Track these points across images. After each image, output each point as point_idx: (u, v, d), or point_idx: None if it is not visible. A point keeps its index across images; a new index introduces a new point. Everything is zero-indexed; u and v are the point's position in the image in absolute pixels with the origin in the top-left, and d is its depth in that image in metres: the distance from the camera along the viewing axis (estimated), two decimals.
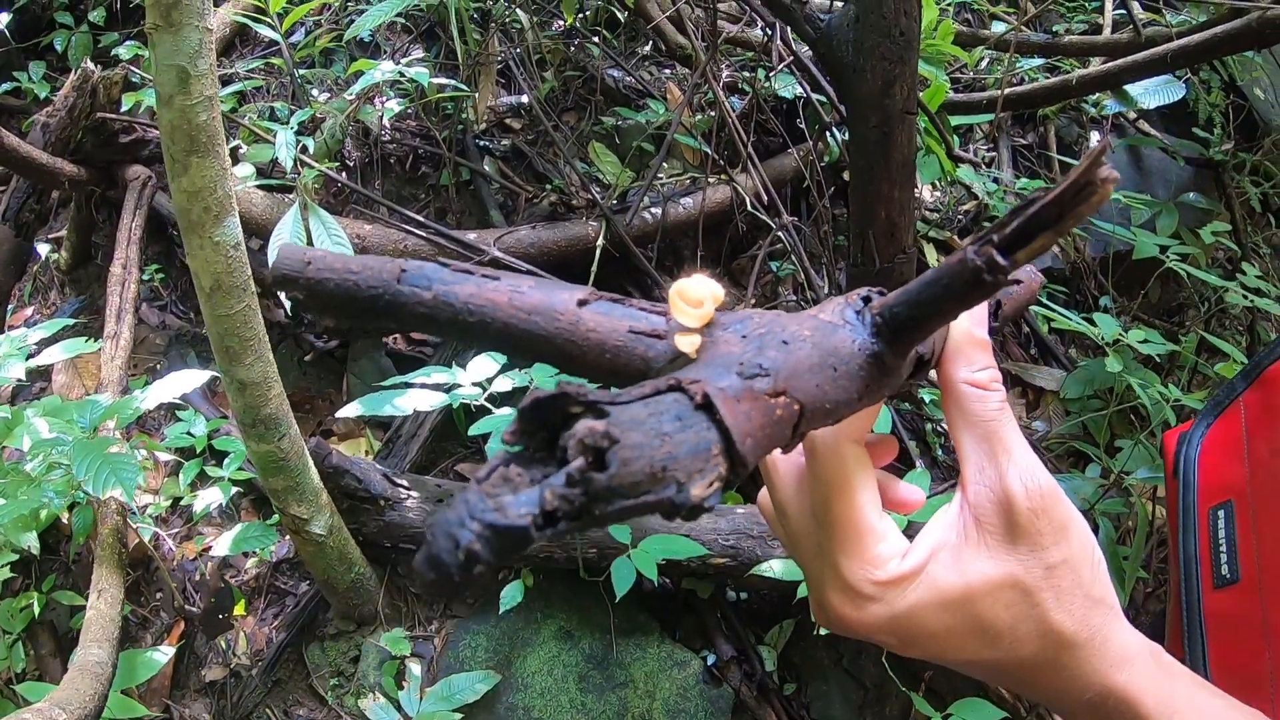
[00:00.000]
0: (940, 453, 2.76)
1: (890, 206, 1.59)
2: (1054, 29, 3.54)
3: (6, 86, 3.40)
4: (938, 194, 3.41)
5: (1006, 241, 0.36)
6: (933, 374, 0.48)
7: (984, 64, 3.53)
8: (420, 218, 2.56)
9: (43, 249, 2.94)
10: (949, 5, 3.59)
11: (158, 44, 1.45)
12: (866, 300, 0.43)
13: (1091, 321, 2.36)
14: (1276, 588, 0.60)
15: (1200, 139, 3.39)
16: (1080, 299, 3.34)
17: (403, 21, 3.23)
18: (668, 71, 3.44)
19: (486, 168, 3.13)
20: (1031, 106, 3.21)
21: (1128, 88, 2.66)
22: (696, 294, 0.42)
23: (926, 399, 2.46)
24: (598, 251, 2.59)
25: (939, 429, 2.78)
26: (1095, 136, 3.65)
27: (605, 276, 2.65)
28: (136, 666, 1.76)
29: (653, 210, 2.75)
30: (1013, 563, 0.44)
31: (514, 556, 0.30)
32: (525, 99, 3.24)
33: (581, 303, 0.42)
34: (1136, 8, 3.05)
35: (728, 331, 0.41)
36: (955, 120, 3.09)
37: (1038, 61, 3.35)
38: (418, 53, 3.41)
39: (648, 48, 3.28)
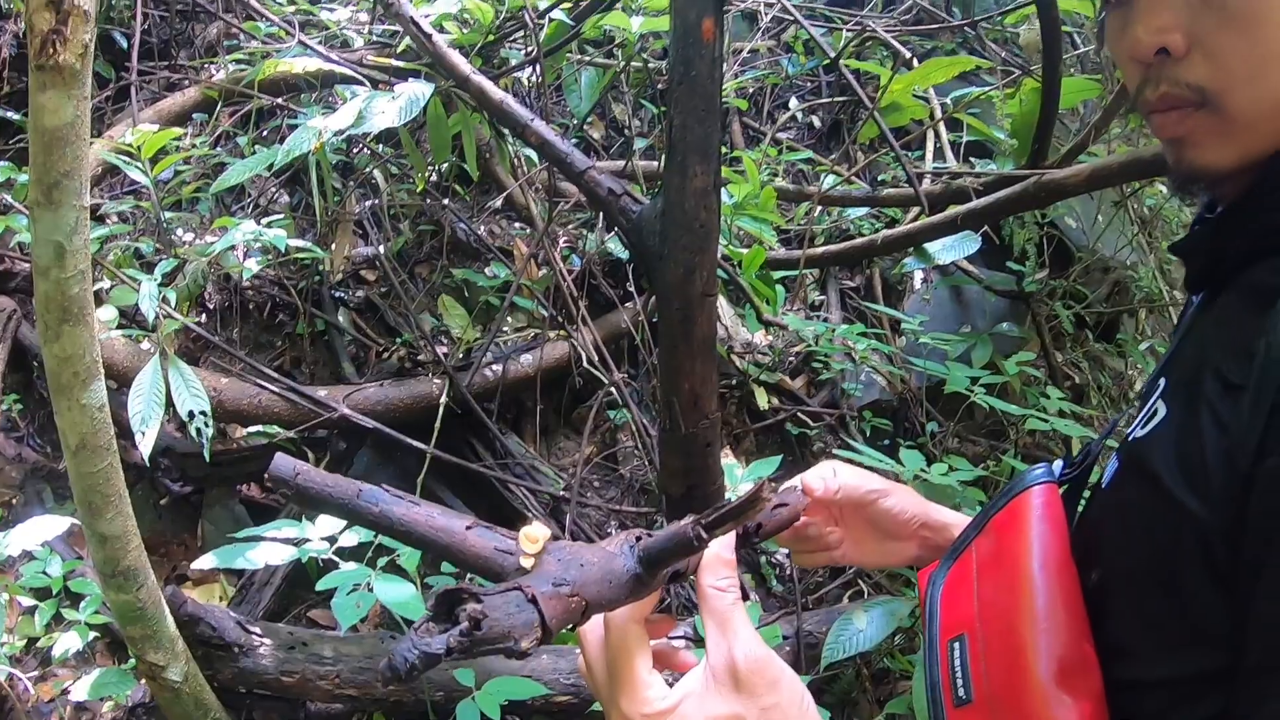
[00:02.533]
0: (775, 584, 3.10)
1: (693, 379, 1.95)
2: (880, 178, 4.10)
3: None
4: (770, 338, 3.86)
5: (709, 524, 0.68)
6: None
7: (818, 211, 4.02)
8: (273, 373, 2.81)
9: None
10: (781, 163, 4.14)
11: (37, 219, 1.66)
12: (638, 539, 0.76)
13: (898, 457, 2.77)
14: (1001, 706, 0.78)
15: (1016, 271, 3.89)
16: (909, 426, 3.77)
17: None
18: (517, 225, 3.83)
19: (341, 319, 3.41)
20: (843, 263, 3.72)
21: (926, 245, 3.16)
22: (535, 535, 0.75)
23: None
24: (440, 410, 2.87)
25: (773, 561, 3.13)
26: (919, 278, 4.18)
27: (449, 431, 2.92)
28: None
29: (494, 367, 3.06)
30: (737, 705, 0.70)
31: (431, 668, 0.60)
32: (382, 249, 3.56)
33: (468, 527, 0.77)
34: (928, 166, 3.64)
35: (550, 556, 0.74)
36: (782, 274, 3.57)
37: (863, 210, 3.89)
38: (283, 197, 3.70)
39: (499, 201, 3.66)
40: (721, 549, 0.76)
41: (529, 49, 2.86)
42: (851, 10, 4.39)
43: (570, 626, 0.72)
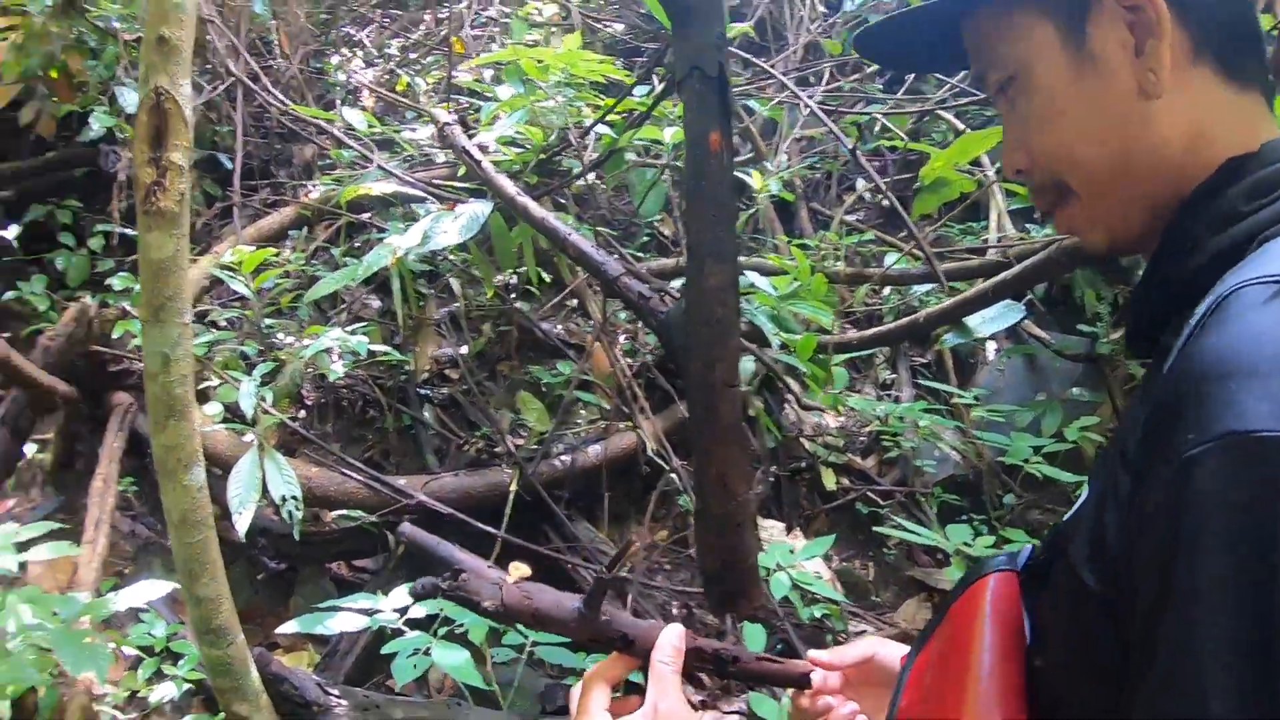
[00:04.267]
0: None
1: (720, 463, 2.17)
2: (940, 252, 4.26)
3: (10, 295, 4.19)
4: (841, 419, 4.06)
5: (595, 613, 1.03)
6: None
7: (886, 291, 4.21)
8: (359, 463, 3.19)
9: (29, 449, 3.58)
10: (844, 246, 4.37)
11: (147, 334, 2.07)
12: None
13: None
14: None
15: (1088, 334, 3.90)
16: (985, 500, 3.83)
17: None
18: (590, 322, 4.18)
19: (426, 415, 3.80)
20: (889, 344, 3.91)
21: (969, 320, 3.33)
22: (521, 568, 1.11)
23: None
24: (510, 497, 3.19)
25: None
26: (991, 348, 4.29)
27: (524, 517, 3.23)
28: None
29: (564, 457, 3.38)
30: None
31: (431, 596, 0.93)
32: (464, 350, 3.96)
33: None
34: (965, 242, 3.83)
35: (527, 583, 1.07)
36: (845, 355, 3.79)
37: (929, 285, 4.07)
38: (374, 303, 4.16)
39: (559, 300, 4.02)
40: (674, 638, 1.02)
41: (584, 162, 3.23)
42: (894, 92, 4.65)
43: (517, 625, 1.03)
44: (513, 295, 4.05)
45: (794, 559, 3.03)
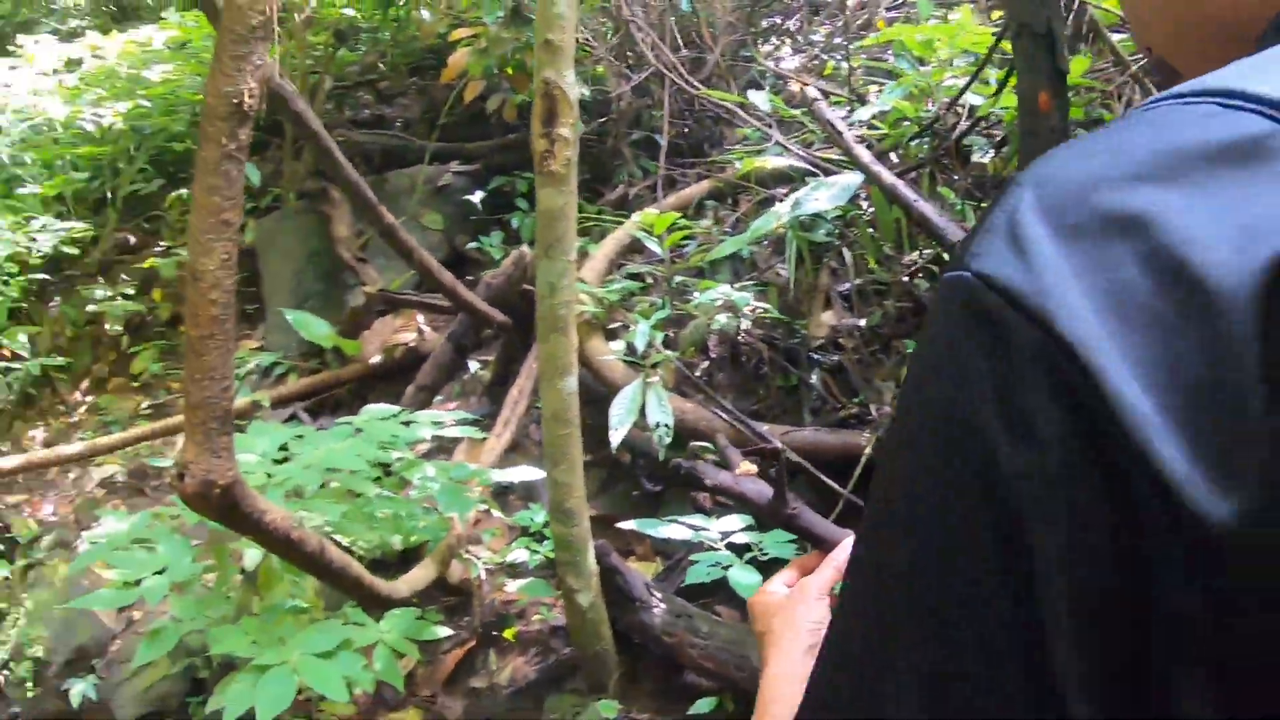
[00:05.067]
0: None
1: None
2: None
3: (472, 245, 5.30)
4: None
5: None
6: None
7: None
8: (728, 404, 3.56)
9: (473, 365, 4.51)
10: None
11: (539, 267, 2.64)
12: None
13: None
14: None
15: None
16: None
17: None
18: None
19: (813, 378, 4.07)
20: None
21: None
22: (749, 468, 1.46)
23: None
24: (862, 460, 3.35)
25: None
26: None
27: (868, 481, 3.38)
28: (423, 628, 2.78)
29: None
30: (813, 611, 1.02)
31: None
32: (862, 322, 4.17)
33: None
34: None
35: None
36: None
37: None
38: (783, 271, 4.53)
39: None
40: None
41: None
42: None
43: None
44: (916, 272, 4.16)
45: None
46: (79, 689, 3.59)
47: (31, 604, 4.00)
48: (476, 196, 5.41)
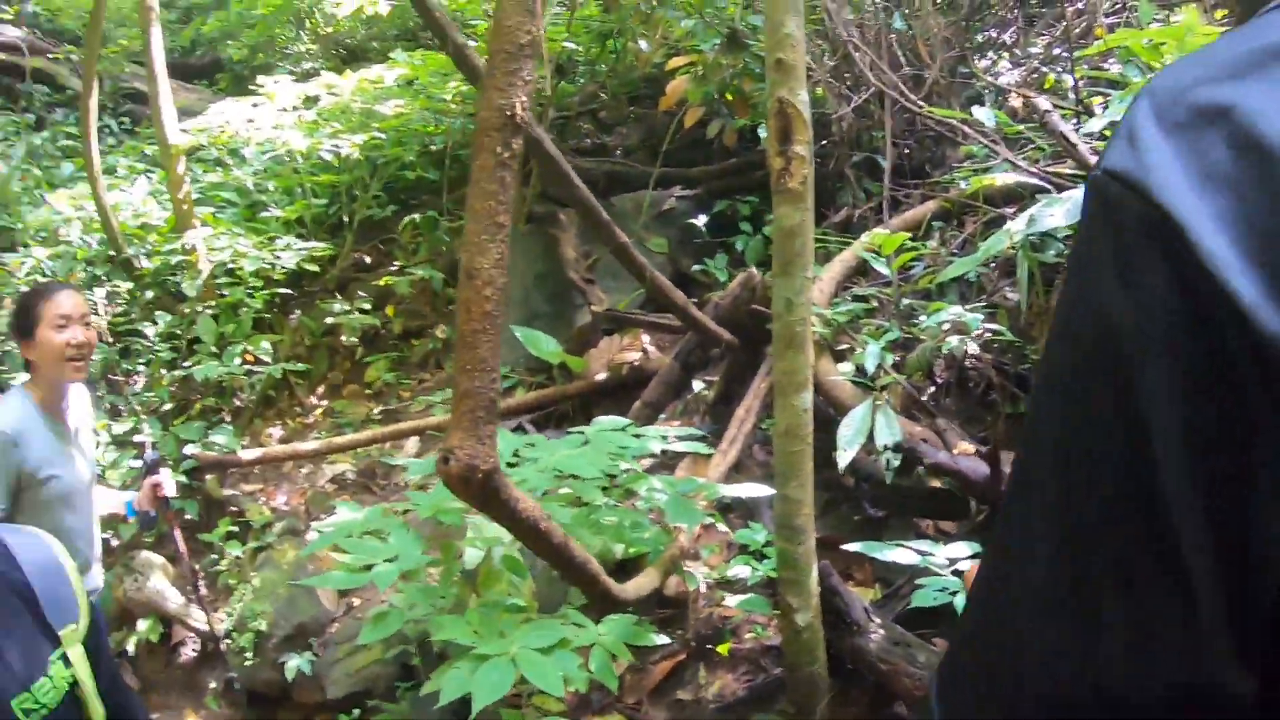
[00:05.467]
0: None
1: None
2: None
3: (698, 268, 5.45)
4: None
5: None
6: None
7: None
8: (958, 431, 3.47)
9: (697, 384, 4.58)
10: None
11: (777, 284, 2.65)
12: None
13: None
14: None
15: None
16: None
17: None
18: None
19: None
20: None
21: None
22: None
23: None
24: None
25: None
26: None
27: None
28: (640, 634, 2.79)
29: None
30: None
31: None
32: None
33: None
34: None
35: None
36: None
37: None
38: (1012, 296, 4.38)
39: None
40: None
41: None
42: None
43: None
44: None
45: None
46: (294, 663, 3.86)
47: (259, 582, 4.34)
48: (700, 220, 5.55)
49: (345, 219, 6.56)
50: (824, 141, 5.24)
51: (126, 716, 1.25)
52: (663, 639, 3.02)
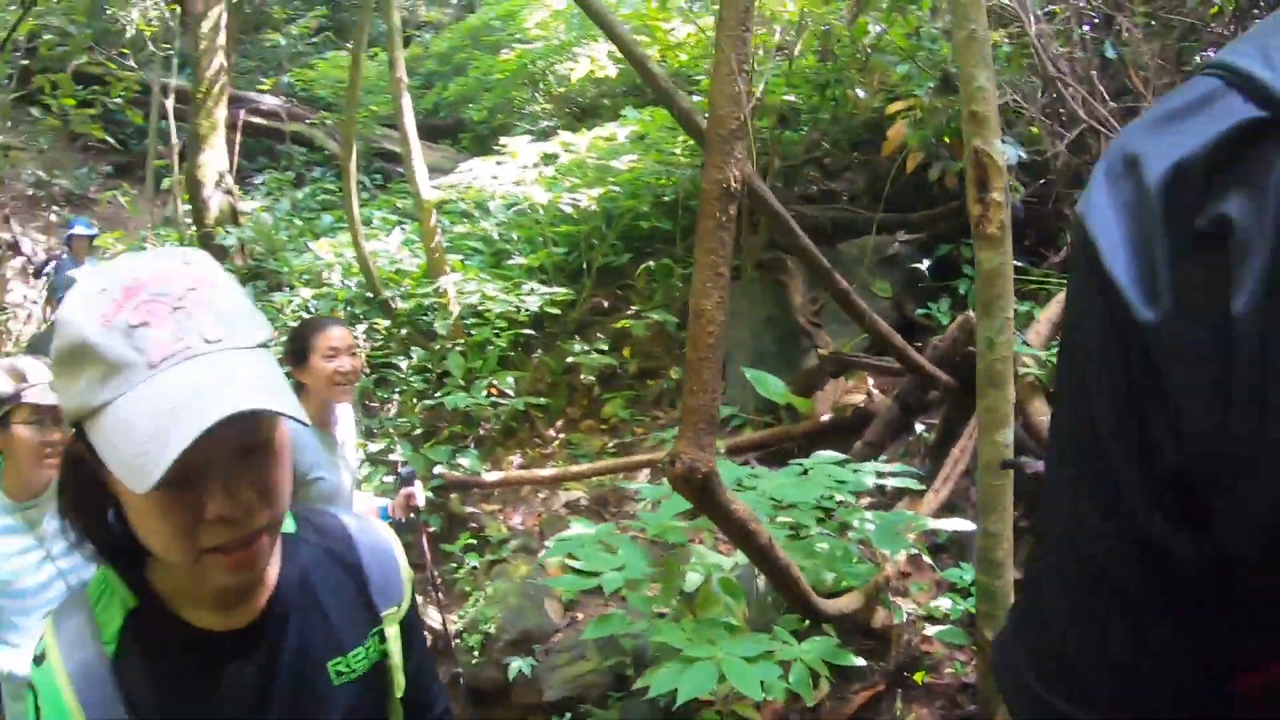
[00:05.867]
0: None
1: None
2: None
3: (921, 311, 5.59)
4: None
5: None
6: None
7: None
8: None
9: (919, 427, 4.72)
10: None
11: (980, 325, 2.82)
12: None
13: None
14: None
15: None
16: None
17: None
18: None
19: None
20: None
21: None
22: None
23: None
24: None
25: None
26: None
27: None
28: (841, 655, 2.96)
29: None
30: None
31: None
32: None
33: None
34: None
35: None
36: None
37: None
38: None
39: None
40: None
41: None
42: None
43: None
44: None
45: None
46: (517, 665, 4.21)
47: (492, 590, 4.77)
48: (924, 264, 5.66)
49: (584, 266, 7.07)
50: (1041, 181, 5.20)
51: (427, 698, 1.35)
52: (860, 661, 3.19)
